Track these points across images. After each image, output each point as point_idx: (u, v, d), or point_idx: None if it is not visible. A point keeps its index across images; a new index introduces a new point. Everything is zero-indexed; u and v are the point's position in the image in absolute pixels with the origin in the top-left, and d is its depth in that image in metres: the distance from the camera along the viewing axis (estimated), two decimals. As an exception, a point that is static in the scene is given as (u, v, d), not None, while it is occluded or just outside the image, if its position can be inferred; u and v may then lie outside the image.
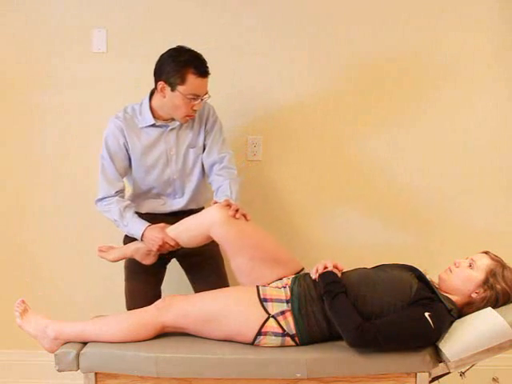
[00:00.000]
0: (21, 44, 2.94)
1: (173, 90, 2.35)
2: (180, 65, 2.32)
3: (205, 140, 2.52)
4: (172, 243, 2.33)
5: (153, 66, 2.42)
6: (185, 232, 2.33)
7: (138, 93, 2.53)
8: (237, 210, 2.24)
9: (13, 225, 3.02)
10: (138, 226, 2.40)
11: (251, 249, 2.23)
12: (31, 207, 3.01)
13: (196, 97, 2.36)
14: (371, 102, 2.92)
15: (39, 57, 2.94)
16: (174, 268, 2.62)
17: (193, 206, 2.57)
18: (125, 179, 2.55)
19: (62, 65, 2.93)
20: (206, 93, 2.40)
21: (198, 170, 2.54)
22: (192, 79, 2.33)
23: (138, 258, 2.44)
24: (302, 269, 2.30)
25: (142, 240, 2.40)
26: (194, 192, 2.55)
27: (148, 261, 2.44)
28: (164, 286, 2.62)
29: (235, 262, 2.26)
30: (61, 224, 2.98)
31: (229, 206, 2.26)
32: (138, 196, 2.56)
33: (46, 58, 2.94)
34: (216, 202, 2.31)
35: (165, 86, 2.35)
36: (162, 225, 2.39)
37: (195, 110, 2.40)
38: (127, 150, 2.46)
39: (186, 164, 2.51)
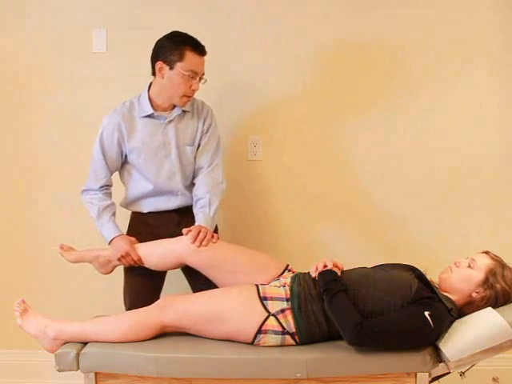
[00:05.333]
0: (21, 44, 2.94)
1: (171, 68, 2.37)
2: (178, 43, 2.36)
3: (200, 139, 2.54)
4: (135, 258, 2.39)
5: (153, 66, 2.43)
6: (155, 256, 2.39)
7: (137, 93, 2.53)
8: (203, 239, 2.31)
9: (12, 224, 3.02)
10: (110, 231, 2.46)
11: (228, 266, 2.30)
12: (31, 207, 3.01)
13: (194, 74, 2.38)
14: (373, 100, 2.93)
15: (39, 57, 2.94)
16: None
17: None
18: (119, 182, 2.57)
19: (62, 65, 2.94)
20: (203, 74, 2.42)
21: (193, 166, 2.56)
22: (190, 56, 2.36)
23: (95, 264, 2.50)
24: (287, 266, 2.32)
25: (109, 244, 2.45)
26: (193, 186, 2.57)
27: (104, 270, 2.51)
28: (164, 286, 2.62)
29: (218, 280, 2.32)
30: (60, 223, 2.98)
31: (198, 233, 2.32)
32: (140, 196, 2.54)
33: (46, 57, 2.94)
34: (189, 230, 2.35)
35: (163, 65, 2.38)
36: (132, 239, 2.45)
37: (194, 91, 2.42)
38: (121, 146, 2.47)
39: (184, 159, 2.52)
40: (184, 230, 2.36)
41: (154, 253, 2.39)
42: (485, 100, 2.90)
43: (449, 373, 2.06)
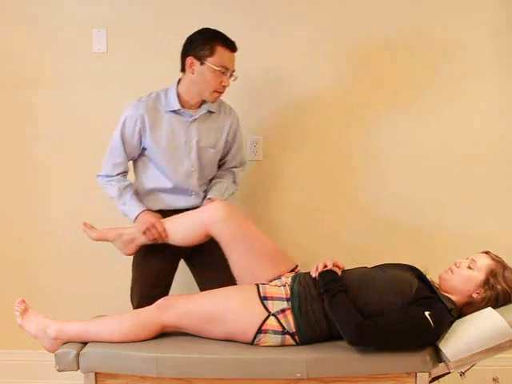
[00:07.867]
0: (21, 44, 2.94)
1: (202, 63, 2.37)
2: (209, 38, 2.38)
3: (225, 142, 2.57)
4: (160, 229, 2.35)
5: (153, 66, 2.43)
6: (181, 227, 2.37)
7: (138, 93, 2.52)
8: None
9: (12, 223, 3.02)
10: (134, 207, 2.44)
11: (247, 244, 2.27)
12: (30, 206, 3.01)
13: (225, 70, 2.39)
14: (373, 99, 2.93)
15: (39, 57, 2.94)
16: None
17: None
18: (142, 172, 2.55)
19: (62, 65, 2.94)
20: (234, 70, 2.43)
21: (213, 167, 2.58)
22: (221, 51, 2.37)
23: (118, 244, 2.46)
24: (296, 266, 2.32)
25: (134, 221, 2.42)
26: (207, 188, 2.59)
27: (127, 250, 2.46)
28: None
29: (233, 257, 2.29)
30: (61, 223, 2.98)
31: None
32: (152, 190, 2.51)
33: (46, 58, 2.94)
34: (210, 200, 2.38)
35: (194, 60, 2.38)
36: (158, 215, 2.43)
37: (224, 87, 2.42)
38: (141, 137, 2.46)
39: (204, 160, 2.52)
40: (206, 200, 2.43)
41: (180, 224, 2.37)
42: (487, 100, 2.91)
43: (449, 373, 2.06)
